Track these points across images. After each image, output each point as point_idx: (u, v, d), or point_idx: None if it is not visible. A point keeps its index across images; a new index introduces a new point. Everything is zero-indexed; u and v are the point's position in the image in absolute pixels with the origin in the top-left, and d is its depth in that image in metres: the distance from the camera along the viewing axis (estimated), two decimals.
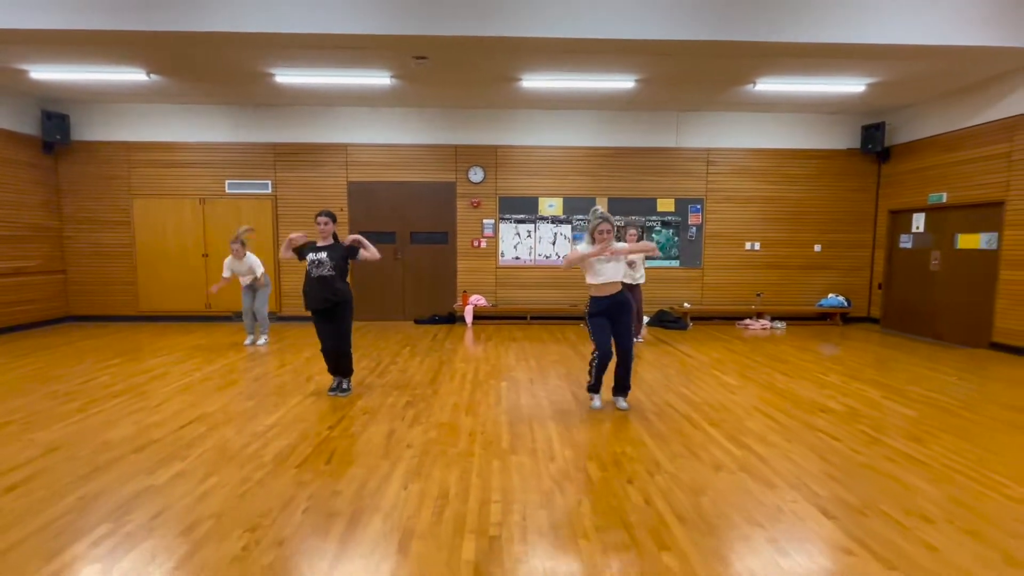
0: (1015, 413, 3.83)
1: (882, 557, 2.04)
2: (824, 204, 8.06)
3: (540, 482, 2.66)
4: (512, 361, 5.44)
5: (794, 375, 4.90)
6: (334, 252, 3.95)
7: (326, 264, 3.89)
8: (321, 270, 3.90)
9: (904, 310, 7.56)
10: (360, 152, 7.80)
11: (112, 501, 2.44)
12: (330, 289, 3.90)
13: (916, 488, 2.63)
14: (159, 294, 7.88)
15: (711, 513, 2.36)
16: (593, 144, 7.87)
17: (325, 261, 3.90)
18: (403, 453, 3.01)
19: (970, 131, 6.42)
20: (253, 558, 2.00)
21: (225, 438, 3.23)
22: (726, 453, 3.04)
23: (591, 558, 2.01)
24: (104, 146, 7.64)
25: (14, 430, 3.35)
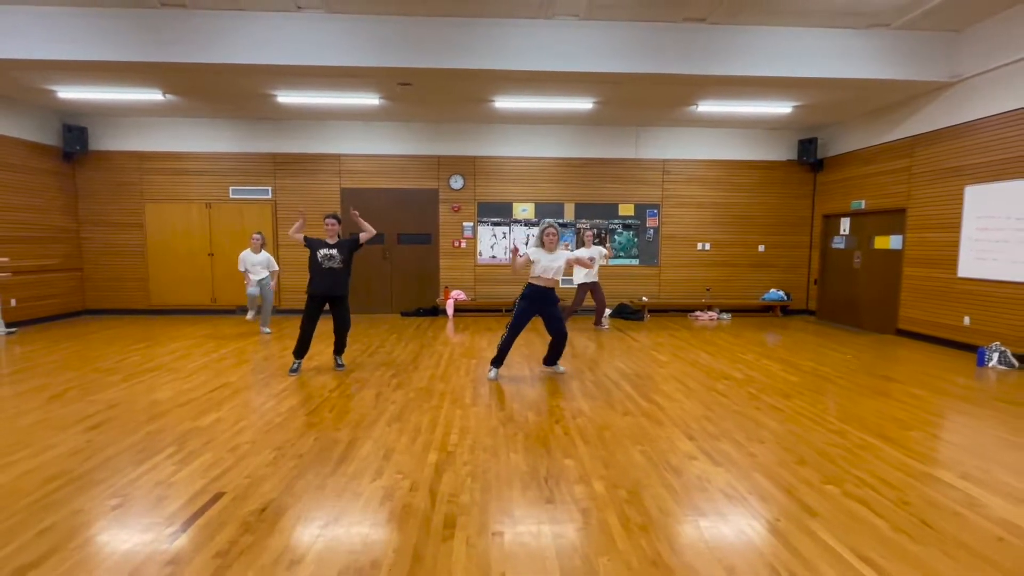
0: (878, 381, 4.81)
1: (716, 461, 2.98)
2: (767, 209, 9.06)
3: (489, 422, 3.58)
4: (484, 345, 6.35)
5: (717, 354, 5.86)
6: (343, 248, 4.76)
7: (336, 258, 4.70)
8: (332, 263, 4.70)
9: (835, 302, 8.59)
10: (352, 161, 8.66)
11: (172, 435, 3.31)
12: (338, 281, 4.71)
13: (765, 424, 3.58)
14: (168, 289, 8.68)
15: (608, 439, 3.29)
16: (561, 155, 8.80)
17: (335, 256, 4.71)
18: (387, 407, 3.91)
19: (881, 147, 7.44)
20: (282, 463, 2.90)
21: (247, 398, 4.11)
22: (636, 405, 3.98)
23: (516, 462, 2.93)
24: (118, 155, 8.43)
25: (76, 394, 4.19)
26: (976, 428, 3.57)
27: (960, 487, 2.69)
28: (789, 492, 2.61)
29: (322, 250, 4.72)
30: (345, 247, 4.77)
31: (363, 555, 2.07)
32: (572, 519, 2.34)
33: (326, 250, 4.72)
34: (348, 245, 4.79)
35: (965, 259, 6.18)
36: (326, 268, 4.70)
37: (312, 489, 2.60)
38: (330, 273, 4.71)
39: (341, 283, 4.76)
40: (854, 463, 2.97)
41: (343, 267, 4.73)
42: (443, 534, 2.22)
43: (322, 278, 4.71)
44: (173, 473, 2.77)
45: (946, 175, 6.41)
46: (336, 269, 4.71)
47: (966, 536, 2.23)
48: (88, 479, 2.70)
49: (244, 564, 2.00)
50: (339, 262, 4.71)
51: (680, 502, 2.51)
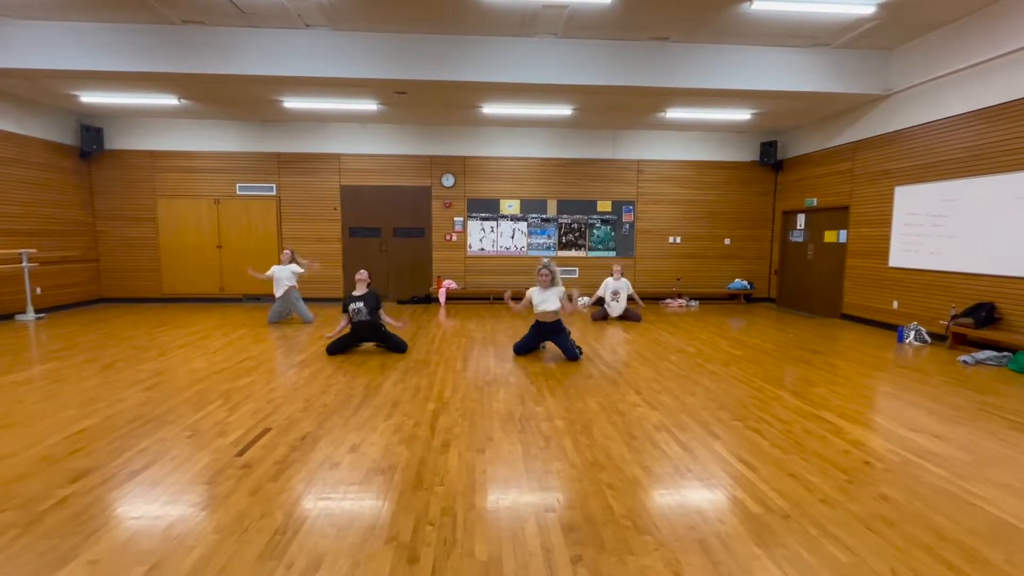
0: (806, 354, 5.67)
1: (653, 407, 3.79)
2: (733, 206, 9.91)
3: (476, 383, 4.37)
4: (473, 327, 7.13)
5: (676, 334, 6.70)
6: (368, 301, 5.37)
7: (363, 311, 5.32)
8: (361, 316, 5.32)
9: (792, 291, 9.48)
10: (351, 160, 9.35)
11: (216, 392, 4.06)
12: (369, 330, 5.37)
13: (700, 383, 4.41)
14: (179, 279, 9.34)
15: (572, 394, 4.09)
16: (544, 155, 9.56)
17: (362, 309, 5.33)
18: (391, 373, 4.68)
19: (828, 151, 8.30)
20: (311, 409, 3.66)
21: (272, 367, 4.85)
22: (599, 371, 4.79)
23: (497, 408, 3.72)
24: (132, 154, 9.04)
25: (123, 364, 4.91)
26: (869, 386, 4.42)
27: (834, 422, 3.53)
28: (703, 426, 3.43)
29: (352, 305, 5.35)
30: (370, 300, 5.36)
31: (383, 462, 2.84)
32: (536, 443, 3.13)
33: (354, 304, 5.35)
34: (372, 299, 5.39)
35: (895, 251, 7.06)
36: (356, 321, 5.34)
37: (339, 426, 3.37)
38: (361, 325, 5.35)
39: (373, 329, 5.38)
40: (761, 409, 3.80)
41: (371, 318, 5.34)
42: (440, 450, 3.00)
43: (356, 330, 5.37)
44: (226, 417, 3.52)
45: (880, 177, 7.28)
46: (365, 321, 5.33)
47: (823, 450, 3.06)
48: (161, 420, 3.45)
49: (298, 467, 2.76)
50: (366, 314, 5.32)
51: (620, 432, 3.31)
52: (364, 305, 5.35)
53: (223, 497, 2.44)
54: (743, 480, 2.66)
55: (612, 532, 2.17)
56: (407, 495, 2.47)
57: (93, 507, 2.34)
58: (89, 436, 3.16)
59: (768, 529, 2.21)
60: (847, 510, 2.38)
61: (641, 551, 2.05)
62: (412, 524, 2.22)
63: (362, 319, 5.34)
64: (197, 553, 2.01)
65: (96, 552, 2.01)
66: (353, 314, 5.34)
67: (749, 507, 2.39)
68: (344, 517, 2.27)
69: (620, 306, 7.67)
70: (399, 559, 1.98)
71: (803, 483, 2.64)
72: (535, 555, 2.01)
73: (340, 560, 1.97)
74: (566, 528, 2.20)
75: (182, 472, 2.70)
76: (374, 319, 5.39)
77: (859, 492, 2.55)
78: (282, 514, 2.29)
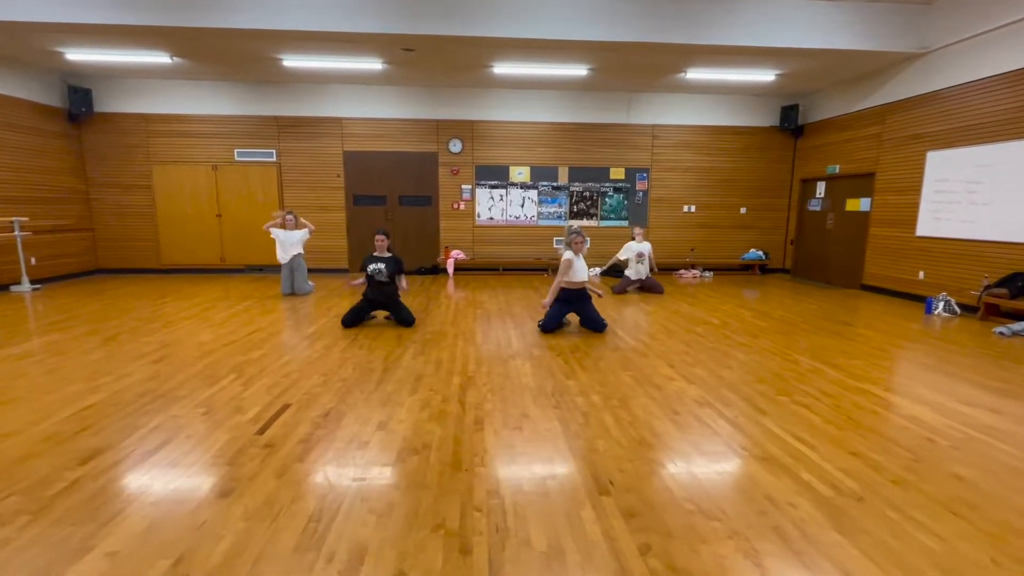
0: (835, 325, 5.48)
1: (690, 380, 3.61)
2: (750, 173, 9.58)
3: (500, 356, 4.17)
4: (485, 298, 6.91)
5: (696, 305, 6.50)
6: (389, 263, 5.14)
7: (384, 273, 5.10)
8: (381, 277, 5.10)
9: (808, 261, 9.26)
10: (353, 125, 8.94)
11: (228, 365, 3.85)
12: (387, 293, 5.15)
13: (734, 356, 4.22)
14: (178, 250, 9.04)
15: (603, 367, 3.90)
16: (556, 120, 9.16)
17: (382, 270, 5.10)
18: (410, 345, 4.47)
19: (855, 115, 7.94)
20: (330, 384, 3.46)
21: (283, 339, 4.64)
22: (625, 344, 4.59)
23: (526, 382, 3.53)
24: (123, 117, 8.60)
25: (127, 337, 4.68)
26: (907, 358, 4.24)
27: (883, 396, 3.35)
28: (747, 400, 3.25)
29: (371, 265, 5.12)
30: (391, 265, 5.14)
31: (415, 440, 2.65)
32: (575, 419, 2.95)
33: (374, 265, 5.12)
34: (393, 264, 5.16)
35: (923, 219, 6.81)
36: (378, 282, 5.12)
37: (362, 401, 3.18)
38: (380, 286, 5.13)
39: (390, 293, 5.17)
40: (803, 382, 3.62)
41: (390, 281, 5.14)
42: (474, 428, 2.81)
43: (374, 293, 5.15)
44: (241, 392, 3.32)
45: (911, 141, 6.96)
46: (385, 283, 5.12)
47: (880, 426, 2.89)
48: (172, 395, 3.24)
49: (324, 446, 2.57)
50: (386, 276, 5.10)
51: (661, 407, 3.13)
52: (385, 267, 5.12)
53: (248, 480, 2.25)
54: (804, 459, 2.48)
55: (677, 518, 2.00)
56: (447, 477, 2.29)
57: (107, 491, 2.15)
58: (97, 413, 2.96)
59: (844, 513, 2.04)
60: (922, 492, 2.21)
61: (712, 539, 1.87)
62: (458, 509, 2.04)
63: (382, 279, 5.12)
64: (226, 543, 1.82)
65: (114, 542, 1.83)
66: (374, 273, 5.12)
67: (818, 489, 2.22)
68: (382, 502, 2.09)
69: (645, 268, 7.46)
70: (450, 549, 1.80)
71: (868, 463, 2.46)
72: (598, 544, 1.83)
73: (385, 550, 1.79)
74: (626, 513, 2.02)
75: (200, 452, 2.51)
76: (394, 284, 5.19)
77: (930, 472, 2.38)
78: (314, 499, 2.11)
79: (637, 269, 7.43)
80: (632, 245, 7.45)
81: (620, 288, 7.40)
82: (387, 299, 5.22)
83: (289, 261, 6.93)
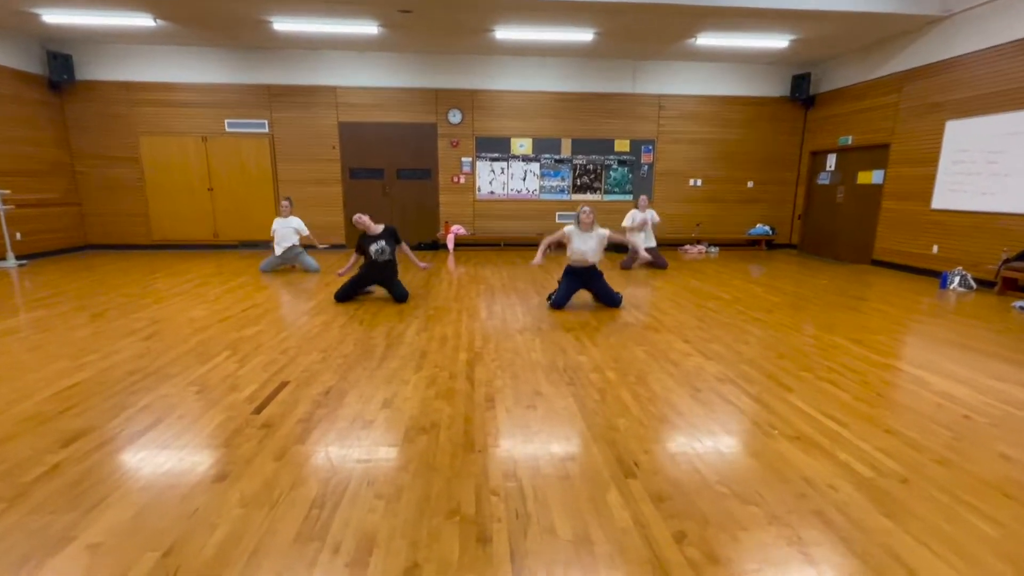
0: (850, 300, 5.33)
1: (708, 356, 3.45)
2: (758, 146, 9.31)
3: (507, 331, 3.99)
4: (488, 273, 6.71)
5: (705, 280, 6.32)
6: (388, 238, 4.89)
7: (387, 251, 4.87)
8: (385, 256, 4.86)
9: (816, 236, 9.06)
10: (348, 94, 8.58)
11: (222, 342, 3.66)
12: (389, 270, 4.93)
13: (750, 331, 4.06)
14: (169, 225, 8.76)
15: (614, 342, 3.73)
16: (559, 89, 8.81)
17: (385, 248, 4.86)
18: (413, 320, 4.29)
19: (870, 83, 7.65)
20: (330, 360, 3.28)
21: (281, 315, 4.44)
22: (636, 318, 4.42)
23: (537, 358, 3.36)
24: (107, 85, 8.22)
25: (116, 313, 4.48)
26: (930, 333, 4.09)
27: (912, 372, 3.20)
28: (770, 377, 3.10)
29: (372, 245, 4.86)
30: (391, 237, 4.92)
31: (423, 418, 2.49)
32: (591, 396, 2.78)
33: (375, 244, 4.86)
34: (392, 238, 4.93)
35: (939, 191, 6.60)
36: (381, 262, 4.88)
37: (365, 378, 3.00)
38: (384, 265, 4.90)
39: (392, 270, 4.96)
40: (826, 358, 3.46)
41: (392, 258, 4.92)
42: (485, 406, 2.65)
43: (375, 271, 4.92)
44: (236, 369, 3.14)
45: (929, 110, 6.71)
46: (389, 261, 4.90)
47: (912, 403, 2.74)
48: (163, 373, 3.06)
49: (325, 426, 2.41)
50: (389, 254, 4.88)
51: (680, 383, 2.97)
52: (386, 243, 4.89)
53: (244, 462, 2.08)
54: (839, 438, 2.33)
55: (711, 502, 1.85)
56: (459, 458, 2.13)
57: (91, 476, 1.98)
58: (82, 392, 2.78)
59: (889, 496, 1.89)
60: (969, 472, 2.07)
61: (752, 525, 1.72)
62: (473, 494, 1.88)
63: (386, 259, 4.90)
64: (221, 532, 1.66)
65: (97, 532, 1.66)
66: (376, 255, 4.88)
67: (858, 470, 2.07)
68: (390, 486, 1.93)
69: (651, 236, 7.25)
70: (467, 538, 1.64)
71: (906, 441, 2.32)
72: (629, 532, 1.68)
73: (396, 540, 1.63)
74: (656, 497, 1.87)
75: (193, 433, 2.33)
76: (395, 260, 4.99)
77: (974, 451, 2.24)
78: (316, 483, 1.94)
79: (642, 237, 7.23)
80: (636, 214, 7.24)
81: (627, 263, 7.21)
82: (392, 274, 5.01)
83: (282, 254, 6.65)
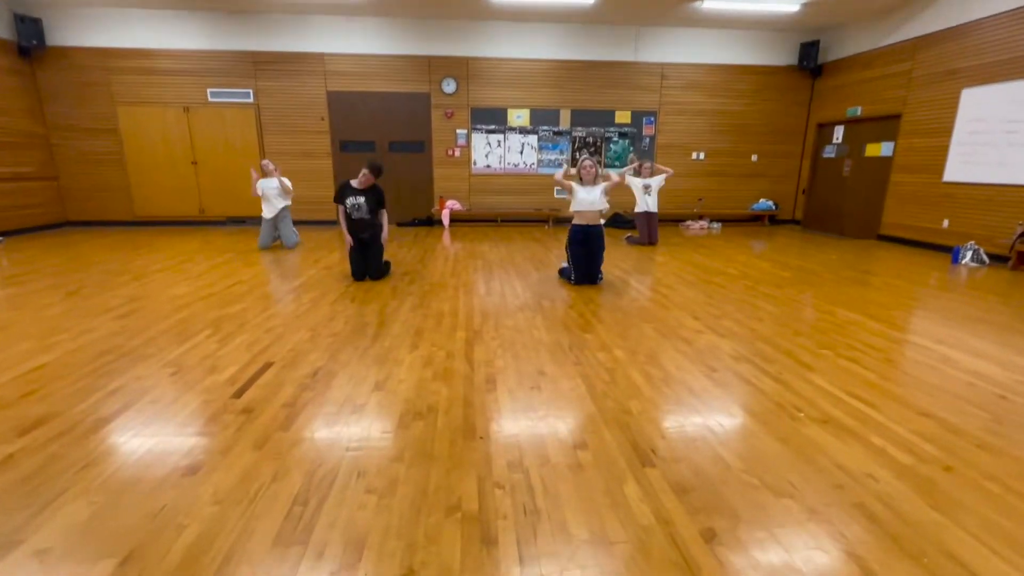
0: (857, 274, 5.14)
1: (721, 334, 3.25)
2: (763, 117, 9.00)
3: (506, 308, 3.78)
4: (486, 249, 6.47)
5: (710, 256, 6.11)
6: (369, 197, 4.62)
7: (363, 208, 4.59)
8: (359, 213, 4.59)
9: (821, 211, 8.84)
10: (337, 62, 8.17)
11: (204, 320, 3.43)
12: (364, 229, 4.66)
13: (762, 308, 3.87)
14: (153, 200, 8.41)
15: (621, 319, 3.53)
16: (558, 57, 8.43)
17: (362, 205, 4.59)
18: (406, 298, 4.06)
19: (882, 51, 7.33)
20: (319, 340, 3.07)
21: (267, 292, 4.20)
22: (641, 295, 4.22)
23: (540, 337, 3.16)
24: (80, 52, 7.77)
25: (93, 290, 4.22)
26: (948, 308, 3.92)
27: (936, 349, 3.03)
28: (789, 355, 2.91)
29: (350, 199, 4.59)
30: (372, 198, 4.63)
31: (419, 402, 2.29)
32: (599, 376, 2.59)
33: (353, 199, 4.59)
34: (375, 199, 4.65)
35: (952, 163, 6.37)
36: (355, 218, 4.62)
37: (355, 358, 2.79)
38: (359, 223, 4.64)
39: (371, 232, 4.70)
40: (843, 334, 3.28)
41: (370, 217, 4.64)
42: (486, 388, 2.45)
43: (353, 227, 4.66)
44: (217, 349, 2.92)
45: (944, 78, 6.43)
46: (365, 219, 4.63)
47: (942, 383, 2.57)
48: (138, 353, 2.84)
49: (311, 411, 2.20)
50: (366, 212, 4.60)
51: (694, 362, 2.78)
52: (365, 202, 4.61)
53: (220, 452, 1.88)
54: (870, 421, 2.16)
55: (739, 494, 1.66)
56: (459, 446, 1.93)
57: (47, 470, 1.77)
58: (47, 375, 2.56)
59: (935, 486, 1.72)
60: (1016, 458, 1.90)
61: (789, 521, 1.54)
62: (475, 486, 1.69)
63: (362, 216, 4.63)
64: (190, 534, 1.46)
65: (48, 535, 1.46)
66: (351, 210, 4.61)
67: (896, 456, 1.89)
68: (383, 478, 1.73)
69: (653, 200, 7.01)
70: (469, 539, 1.46)
71: (943, 424, 2.14)
72: (652, 531, 1.50)
73: (389, 542, 1.44)
74: (678, 489, 1.69)
75: (165, 419, 2.12)
76: (375, 220, 4.71)
77: (1018, 435, 2.06)
78: (300, 475, 1.74)
79: (645, 200, 6.98)
80: (636, 180, 7.02)
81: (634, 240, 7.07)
82: (372, 238, 4.72)
83: (273, 217, 6.39)
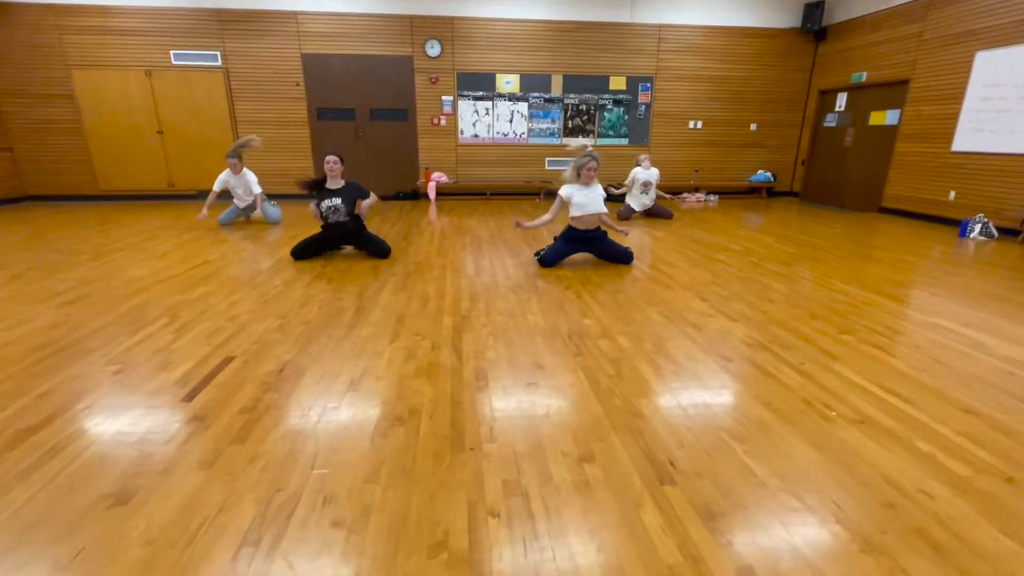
0: (865, 249, 4.90)
1: (731, 318, 2.99)
2: (764, 84, 8.60)
3: (498, 290, 3.48)
4: (474, 224, 6.11)
5: (710, 231, 5.83)
6: (347, 197, 4.17)
7: (341, 210, 4.15)
8: (338, 216, 4.16)
9: (820, 184, 8.57)
10: (311, 21, 7.57)
11: (160, 307, 3.08)
12: (347, 234, 4.27)
13: (772, 287, 3.61)
14: (117, 173, 7.86)
15: (623, 301, 3.25)
16: (550, 17, 7.91)
17: (339, 207, 4.14)
18: (389, 278, 3.73)
19: (891, 11, 6.94)
20: (289, 329, 2.74)
21: (234, 273, 3.84)
22: (642, 272, 3.93)
23: (535, 322, 2.87)
24: (28, 8, 7.09)
25: (39, 274, 3.83)
26: (967, 287, 3.69)
27: (964, 333, 2.80)
28: (808, 341, 2.66)
29: (325, 202, 4.15)
30: (348, 196, 4.19)
31: (399, 404, 2.00)
32: (603, 370, 2.31)
33: (329, 201, 4.14)
34: (353, 197, 4.22)
35: (962, 131, 6.09)
36: (332, 222, 4.18)
37: (329, 350, 2.48)
38: (338, 227, 4.22)
39: (352, 232, 4.30)
40: (863, 316, 3.03)
41: (349, 219, 4.22)
42: (476, 385, 2.16)
43: (332, 233, 4.25)
44: (172, 341, 2.59)
45: (958, 40, 6.08)
46: (344, 223, 4.20)
47: (979, 372, 2.33)
48: (78, 348, 2.49)
49: (274, 417, 1.90)
50: (344, 214, 4.17)
51: (706, 351, 2.52)
52: (342, 202, 4.19)
53: (159, 474, 1.58)
54: (910, 421, 1.91)
55: (777, 518, 1.41)
56: (446, 461, 1.65)
57: None
58: None
59: (1001, 505, 1.48)
60: None
61: (842, 556, 1.29)
62: (465, 515, 1.41)
63: (339, 219, 4.21)
64: None
65: None
66: (327, 213, 4.19)
67: (948, 466, 1.65)
68: (353, 505, 1.45)
69: (651, 198, 6.64)
70: None
71: (992, 424, 1.90)
72: (678, 568, 1.24)
73: None
74: (704, 513, 1.43)
75: (96, 432, 1.81)
76: (355, 220, 4.31)
77: None
78: (253, 503, 1.45)
79: (641, 200, 6.62)
80: (639, 172, 6.55)
81: (625, 214, 6.65)
82: (351, 236, 4.37)
83: (244, 208, 5.92)
